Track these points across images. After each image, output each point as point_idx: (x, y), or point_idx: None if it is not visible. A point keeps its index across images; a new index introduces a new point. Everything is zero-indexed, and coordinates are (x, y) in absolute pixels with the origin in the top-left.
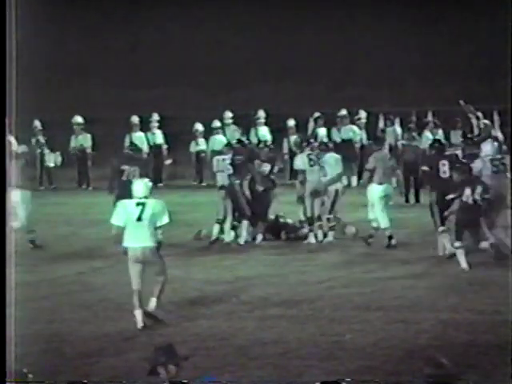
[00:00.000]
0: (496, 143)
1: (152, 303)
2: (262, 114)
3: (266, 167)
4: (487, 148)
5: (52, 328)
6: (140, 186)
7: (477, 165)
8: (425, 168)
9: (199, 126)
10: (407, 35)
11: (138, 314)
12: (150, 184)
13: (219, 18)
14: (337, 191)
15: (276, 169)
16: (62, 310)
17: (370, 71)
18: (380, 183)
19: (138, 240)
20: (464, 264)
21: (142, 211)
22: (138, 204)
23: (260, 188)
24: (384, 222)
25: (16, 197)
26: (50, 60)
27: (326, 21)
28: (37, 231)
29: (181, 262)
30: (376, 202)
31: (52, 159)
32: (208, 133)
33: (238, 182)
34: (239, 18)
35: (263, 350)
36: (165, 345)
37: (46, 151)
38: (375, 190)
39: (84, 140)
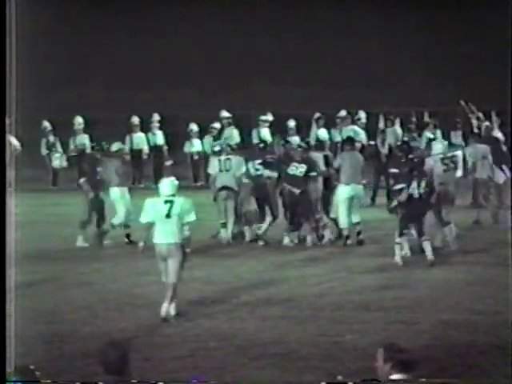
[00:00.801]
0: (446, 142)
1: (163, 309)
2: (269, 117)
3: (303, 168)
4: (438, 147)
5: (52, 328)
6: (166, 185)
7: (428, 163)
8: (393, 170)
9: (194, 126)
10: (407, 35)
11: (164, 305)
12: (177, 182)
13: (220, 18)
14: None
15: (313, 172)
16: (62, 310)
17: (370, 71)
18: (347, 183)
19: (165, 236)
20: (398, 258)
21: (170, 208)
22: (166, 202)
23: (296, 190)
24: (343, 222)
25: (114, 194)
26: (49, 60)
27: (326, 21)
28: (131, 227)
29: None
30: (340, 202)
31: (58, 160)
32: (205, 133)
33: (268, 181)
34: (239, 19)
35: (264, 350)
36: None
37: (58, 151)
38: (341, 191)
39: (83, 141)
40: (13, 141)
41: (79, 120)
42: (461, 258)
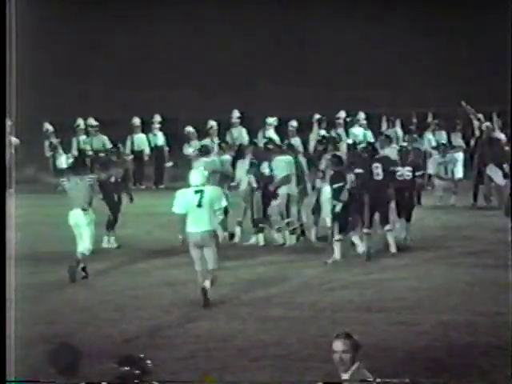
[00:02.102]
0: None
1: (207, 284)
2: (274, 120)
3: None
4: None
5: (52, 329)
6: (197, 175)
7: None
8: (358, 170)
9: (190, 128)
10: (408, 36)
11: (206, 281)
12: (206, 172)
13: (220, 19)
14: (288, 195)
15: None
16: (62, 311)
17: (370, 72)
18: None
19: (198, 225)
20: (338, 255)
21: (201, 197)
22: (196, 191)
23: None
24: (329, 222)
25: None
26: (49, 61)
27: (327, 22)
28: None
29: (182, 262)
30: (325, 203)
31: (64, 161)
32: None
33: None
34: (240, 19)
35: (264, 351)
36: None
37: (60, 153)
38: (326, 191)
39: (100, 142)
40: (12, 138)
41: (93, 122)
42: (461, 259)
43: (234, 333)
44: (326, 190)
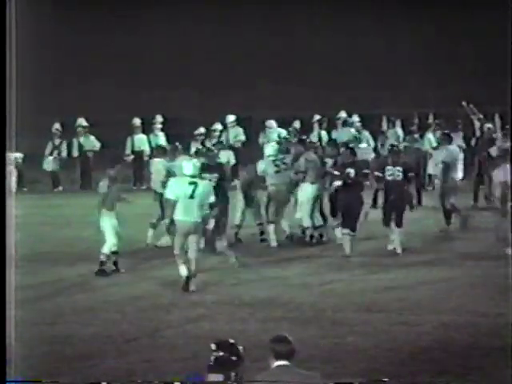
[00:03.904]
0: (277, 146)
1: (182, 270)
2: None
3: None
4: (268, 150)
5: (53, 330)
6: (190, 166)
7: (261, 165)
8: (335, 172)
9: (202, 129)
10: (408, 36)
11: (183, 267)
12: (199, 164)
13: (220, 19)
14: None
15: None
16: (63, 312)
17: (370, 72)
18: (313, 182)
19: (189, 215)
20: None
21: (194, 190)
22: (190, 183)
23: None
24: (307, 222)
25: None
26: (49, 62)
27: (327, 22)
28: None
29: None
30: (306, 201)
31: (49, 163)
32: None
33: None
34: (240, 19)
35: (265, 352)
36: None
37: (62, 155)
38: (308, 189)
39: (90, 142)
40: (15, 154)
41: (83, 122)
42: (462, 260)
43: (234, 333)
44: (307, 189)
